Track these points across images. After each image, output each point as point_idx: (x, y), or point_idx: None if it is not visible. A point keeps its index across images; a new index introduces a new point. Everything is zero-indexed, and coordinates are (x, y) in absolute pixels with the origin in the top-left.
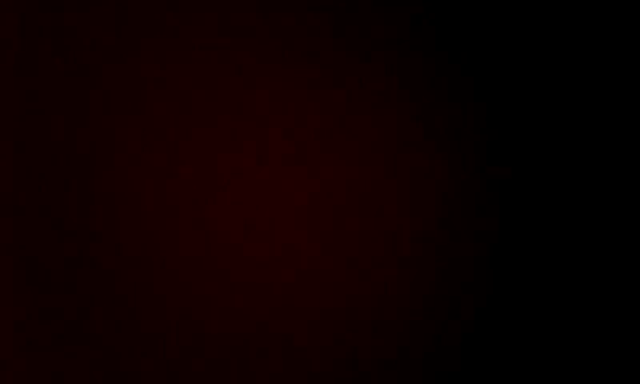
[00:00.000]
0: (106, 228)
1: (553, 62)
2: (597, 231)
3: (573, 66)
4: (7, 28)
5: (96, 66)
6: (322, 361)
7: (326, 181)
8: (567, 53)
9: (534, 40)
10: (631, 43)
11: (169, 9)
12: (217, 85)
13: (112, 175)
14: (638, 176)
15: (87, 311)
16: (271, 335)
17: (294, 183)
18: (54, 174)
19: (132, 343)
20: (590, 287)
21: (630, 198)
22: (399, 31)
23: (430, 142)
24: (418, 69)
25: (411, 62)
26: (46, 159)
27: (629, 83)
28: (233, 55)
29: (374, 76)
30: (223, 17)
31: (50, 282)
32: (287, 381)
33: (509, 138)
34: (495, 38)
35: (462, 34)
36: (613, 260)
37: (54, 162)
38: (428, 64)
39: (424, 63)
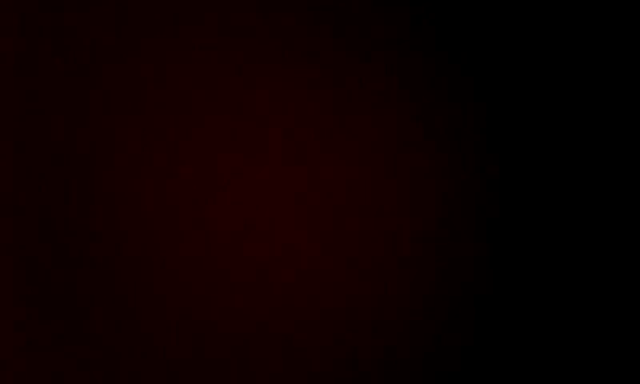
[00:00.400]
0: (106, 228)
1: (553, 62)
2: (597, 231)
3: (573, 65)
4: (7, 28)
5: (96, 66)
6: (322, 361)
7: (326, 181)
8: (567, 53)
9: (534, 40)
10: (631, 43)
11: (169, 9)
12: (217, 85)
13: (112, 175)
14: (638, 176)
15: (87, 311)
16: (271, 335)
17: (294, 183)
18: (53, 174)
19: (132, 343)
20: (590, 287)
21: (630, 199)
22: (399, 31)
23: (430, 141)
24: (418, 69)
25: (411, 62)
26: (46, 159)
27: (629, 83)
28: (233, 55)
29: (374, 76)
30: (223, 17)
31: (50, 282)
32: (287, 381)
33: (509, 138)
34: (495, 38)
35: (462, 34)
36: (613, 260)
37: (54, 162)
38: (428, 64)
39: (424, 63)
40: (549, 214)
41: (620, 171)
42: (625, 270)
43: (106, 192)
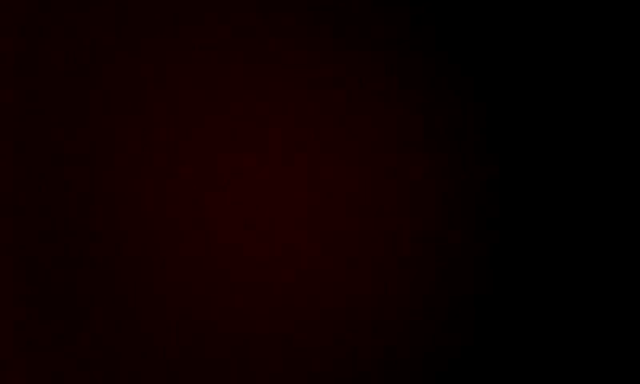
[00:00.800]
0: (106, 228)
1: (553, 62)
2: (597, 231)
3: (573, 65)
4: (7, 28)
5: (96, 65)
6: (322, 361)
7: (326, 181)
8: (567, 53)
9: (534, 40)
10: (631, 43)
11: (169, 9)
12: (217, 85)
13: (112, 175)
14: (638, 176)
15: (87, 311)
16: (271, 335)
17: (294, 183)
18: (53, 174)
19: (132, 343)
20: (590, 287)
21: (631, 200)
22: (399, 31)
23: (430, 141)
24: (418, 69)
25: (411, 62)
26: (46, 159)
27: (629, 83)
28: (233, 55)
29: (374, 76)
30: (223, 17)
31: (50, 282)
32: (287, 381)
33: (509, 138)
34: (495, 38)
35: (462, 34)
36: (613, 260)
37: (54, 162)
38: (428, 64)
39: (424, 63)
40: (549, 213)
41: (620, 171)
42: (625, 270)
43: (106, 192)
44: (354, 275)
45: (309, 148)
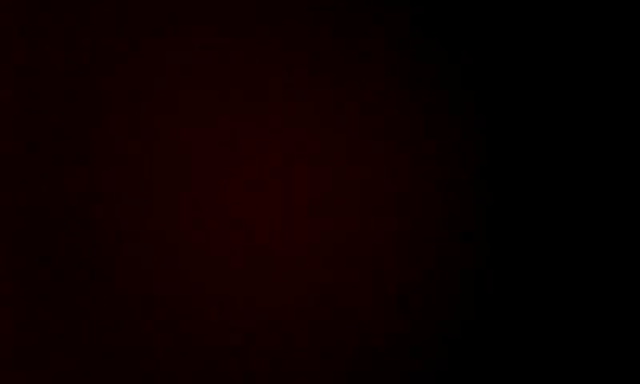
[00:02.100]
0: (106, 228)
1: (553, 62)
2: (597, 231)
3: (573, 65)
4: (7, 28)
5: (96, 66)
6: (322, 361)
7: (325, 181)
8: (567, 53)
9: (534, 40)
10: (631, 43)
11: (169, 8)
12: (217, 85)
13: (112, 175)
14: (638, 177)
15: (87, 311)
16: (271, 335)
17: (294, 183)
18: (54, 174)
19: (132, 343)
20: (589, 287)
21: (630, 200)
22: (399, 31)
23: (430, 141)
24: (418, 69)
25: (411, 62)
26: (46, 159)
27: (629, 83)
28: (233, 55)
29: (374, 76)
30: (223, 17)
31: (50, 282)
32: (287, 381)
33: (509, 138)
34: (495, 38)
35: (462, 34)
36: (613, 260)
37: (54, 162)
38: (428, 64)
39: (424, 63)
40: (549, 213)
41: (620, 171)
42: (625, 270)
43: (106, 192)
44: (354, 275)
45: (309, 148)
